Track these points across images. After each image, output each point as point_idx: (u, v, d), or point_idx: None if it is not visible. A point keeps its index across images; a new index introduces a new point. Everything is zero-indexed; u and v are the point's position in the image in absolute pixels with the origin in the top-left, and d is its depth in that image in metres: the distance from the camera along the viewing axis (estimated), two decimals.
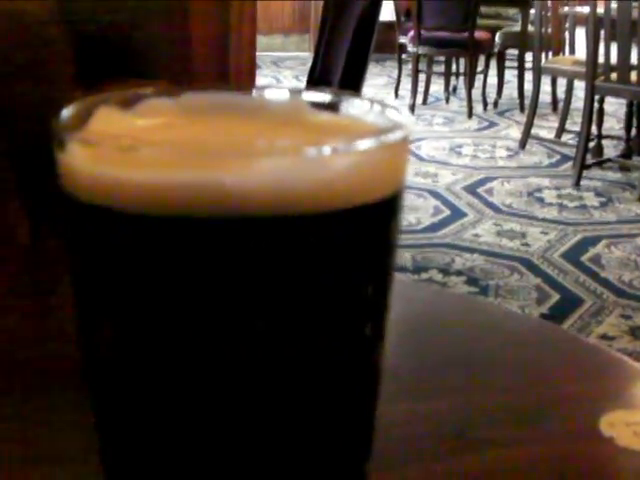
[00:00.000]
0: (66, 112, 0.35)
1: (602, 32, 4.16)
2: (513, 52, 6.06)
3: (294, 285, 0.32)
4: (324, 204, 0.31)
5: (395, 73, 6.31)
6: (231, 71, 1.56)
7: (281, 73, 7.36)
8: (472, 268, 3.10)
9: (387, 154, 0.33)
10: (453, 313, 0.75)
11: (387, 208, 0.34)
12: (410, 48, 5.73)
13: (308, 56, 7.54)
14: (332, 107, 0.39)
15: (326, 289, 0.32)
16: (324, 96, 0.40)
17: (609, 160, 4.50)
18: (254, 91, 0.41)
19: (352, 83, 2.34)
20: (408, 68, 6.00)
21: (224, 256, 0.31)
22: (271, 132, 0.37)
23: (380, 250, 0.34)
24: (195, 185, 0.31)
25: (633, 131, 4.54)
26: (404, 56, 6.12)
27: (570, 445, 0.55)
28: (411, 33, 5.63)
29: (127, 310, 0.34)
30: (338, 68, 2.40)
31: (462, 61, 6.01)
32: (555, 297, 2.86)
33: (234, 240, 0.31)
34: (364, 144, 0.32)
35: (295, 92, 0.40)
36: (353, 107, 0.39)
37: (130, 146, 0.32)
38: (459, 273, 3.04)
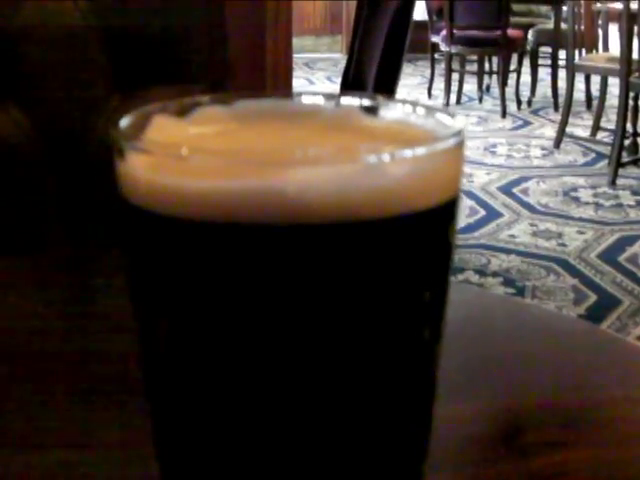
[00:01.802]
0: (124, 121, 0.35)
1: (636, 28, 4.12)
2: (546, 50, 6.02)
3: (354, 291, 0.32)
4: (384, 210, 0.31)
5: (428, 73, 6.29)
6: (268, 72, 1.56)
7: (314, 75, 7.36)
8: (508, 269, 3.08)
9: (445, 159, 0.33)
10: (497, 315, 0.75)
11: (445, 213, 0.34)
12: (442, 47, 5.71)
13: (340, 57, 7.55)
14: (383, 112, 0.39)
15: (385, 294, 0.33)
16: (374, 101, 0.40)
17: None
18: (305, 97, 0.41)
19: (387, 84, 2.34)
20: (440, 67, 5.98)
21: (284, 263, 0.31)
22: (326, 139, 0.37)
23: (438, 255, 0.34)
24: (256, 193, 0.31)
25: None
26: (436, 55, 6.10)
27: (618, 449, 0.55)
28: (443, 32, 5.61)
29: (181, 311, 0.34)
30: (372, 69, 2.40)
31: (495, 59, 5.98)
32: (592, 298, 2.84)
33: (294, 248, 0.31)
34: (423, 150, 0.33)
35: (346, 97, 0.40)
36: (404, 112, 0.39)
37: (188, 155, 0.32)
38: (495, 274, 3.02)
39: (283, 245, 0.31)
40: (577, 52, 4.68)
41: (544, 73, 6.11)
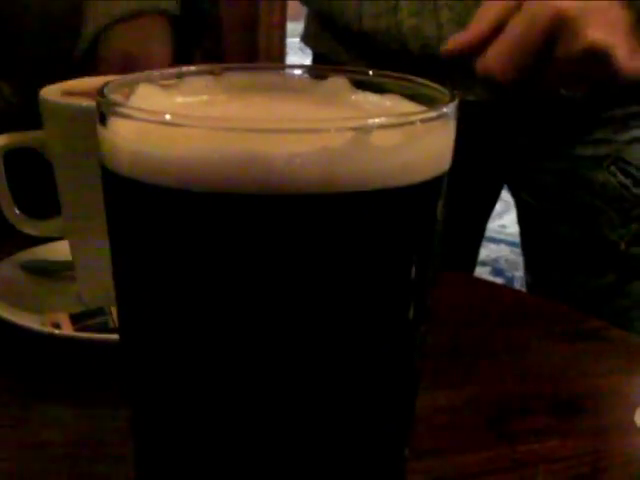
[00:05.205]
0: (108, 88, 0.34)
1: None
2: None
3: (337, 263, 0.31)
4: (370, 184, 0.31)
5: None
6: (261, 56, 1.56)
7: (307, 59, 7.34)
8: (497, 259, 3.08)
9: (433, 134, 0.33)
10: (488, 301, 0.75)
11: (433, 189, 0.33)
12: None
13: None
14: (374, 86, 0.39)
15: (369, 268, 0.32)
16: (366, 76, 0.39)
17: None
18: (295, 70, 0.40)
19: None
20: None
21: (268, 234, 0.31)
22: (315, 111, 0.36)
23: (425, 231, 0.34)
24: (241, 162, 0.30)
25: None
26: None
27: (604, 437, 0.55)
28: None
29: (165, 284, 0.34)
30: None
31: None
32: None
33: (279, 218, 0.31)
34: (411, 123, 0.32)
35: (337, 71, 0.40)
36: (395, 86, 0.38)
37: (173, 121, 0.32)
38: (484, 264, 3.02)
39: (267, 215, 0.31)
40: None
41: None
